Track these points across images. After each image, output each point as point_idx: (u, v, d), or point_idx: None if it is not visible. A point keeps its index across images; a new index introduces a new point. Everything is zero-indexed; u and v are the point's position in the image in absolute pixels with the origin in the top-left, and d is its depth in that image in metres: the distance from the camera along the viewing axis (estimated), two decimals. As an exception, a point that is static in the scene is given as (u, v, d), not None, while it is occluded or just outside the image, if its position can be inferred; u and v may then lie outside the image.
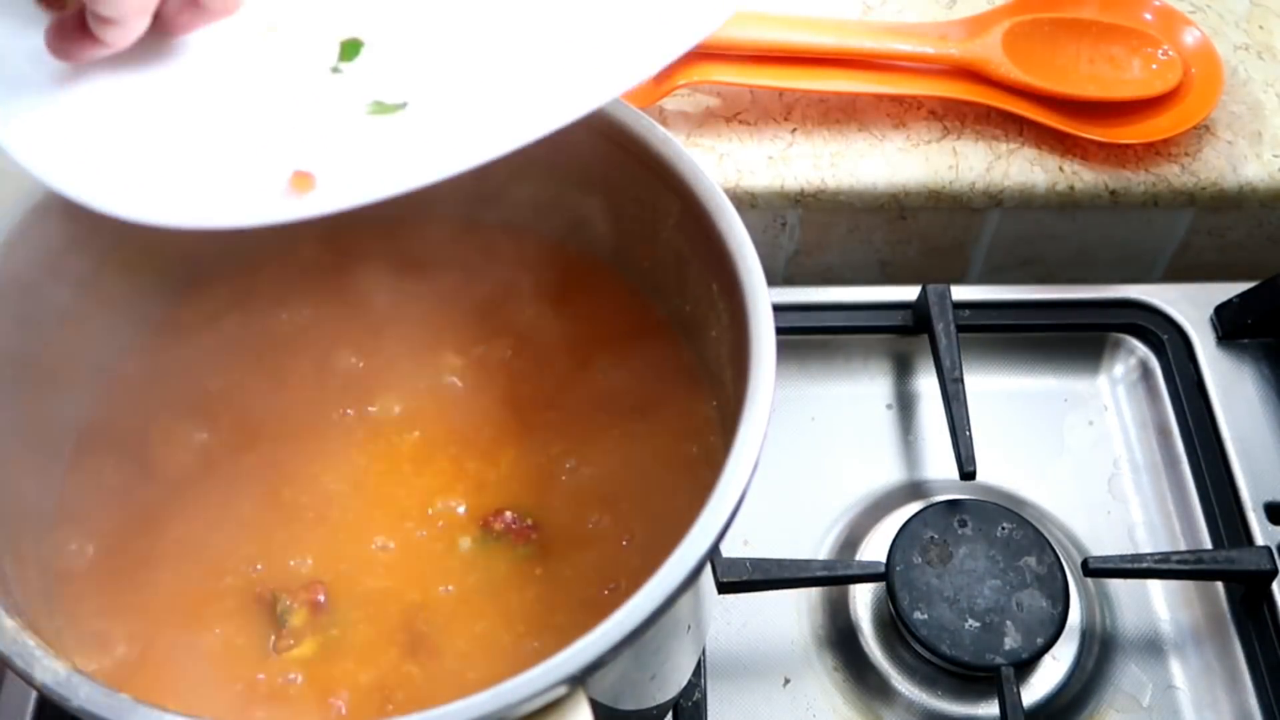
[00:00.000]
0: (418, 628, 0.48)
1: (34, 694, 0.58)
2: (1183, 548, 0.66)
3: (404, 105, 0.44)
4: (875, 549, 0.64)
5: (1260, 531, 0.64)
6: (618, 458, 0.52)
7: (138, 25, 0.41)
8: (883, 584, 0.61)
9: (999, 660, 0.59)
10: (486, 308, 0.56)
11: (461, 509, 0.51)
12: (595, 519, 0.50)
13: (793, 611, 0.64)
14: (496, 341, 0.56)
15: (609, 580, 0.48)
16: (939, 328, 0.69)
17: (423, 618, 0.48)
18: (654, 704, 0.53)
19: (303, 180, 0.41)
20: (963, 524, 0.63)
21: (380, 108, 0.44)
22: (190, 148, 0.43)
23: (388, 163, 0.42)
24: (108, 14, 0.40)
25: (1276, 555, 0.62)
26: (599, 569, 0.49)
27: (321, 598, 0.48)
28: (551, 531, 0.50)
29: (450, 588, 0.49)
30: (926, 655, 0.60)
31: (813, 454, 0.70)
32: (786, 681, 0.62)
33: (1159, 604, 0.65)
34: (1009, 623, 0.60)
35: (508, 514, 0.50)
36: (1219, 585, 0.64)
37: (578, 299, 0.57)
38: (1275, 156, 0.75)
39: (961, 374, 0.67)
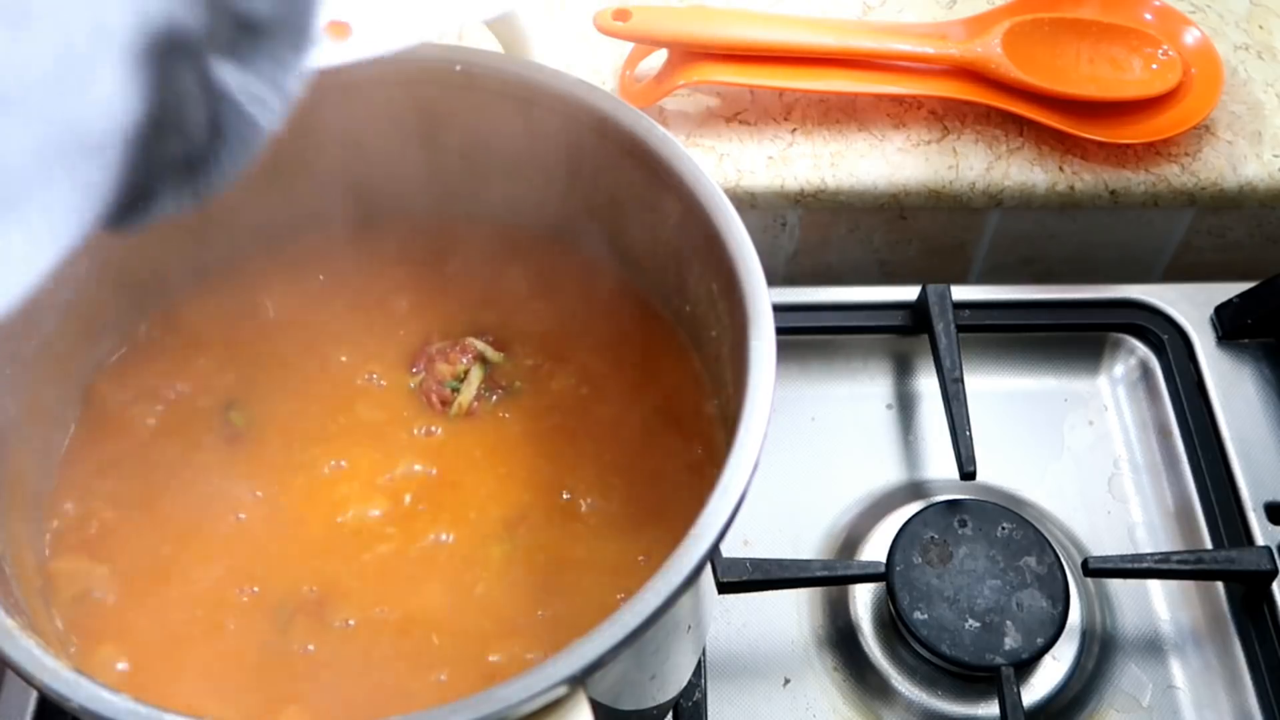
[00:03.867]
0: (429, 627, 0.48)
1: (34, 694, 0.58)
2: (1183, 548, 0.66)
3: None
4: (875, 549, 0.64)
5: (1260, 531, 0.64)
6: (618, 457, 0.52)
7: None
8: (883, 584, 0.61)
9: (999, 660, 0.59)
10: (485, 308, 0.56)
11: (467, 511, 0.51)
12: (597, 517, 0.50)
13: (793, 611, 0.64)
14: (496, 342, 0.56)
15: (620, 587, 0.48)
16: (939, 328, 0.69)
17: (432, 618, 0.48)
18: (654, 704, 0.53)
19: (339, 29, 0.45)
20: (963, 524, 0.63)
21: None
22: None
23: (410, 18, 0.47)
24: None
25: (1276, 555, 0.62)
26: (604, 570, 0.49)
27: (328, 607, 0.48)
28: (552, 529, 0.50)
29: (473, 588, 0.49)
30: (926, 655, 0.60)
31: (813, 454, 0.70)
32: (786, 681, 0.62)
33: (1159, 604, 0.65)
34: (1009, 623, 0.60)
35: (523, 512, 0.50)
36: (1219, 585, 0.64)
37: (577, 299, 0.57)
38: (1275, 156, 0.75)
39: (961, 374, 0.67)
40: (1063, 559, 0.62)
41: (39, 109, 0.23)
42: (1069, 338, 0.73)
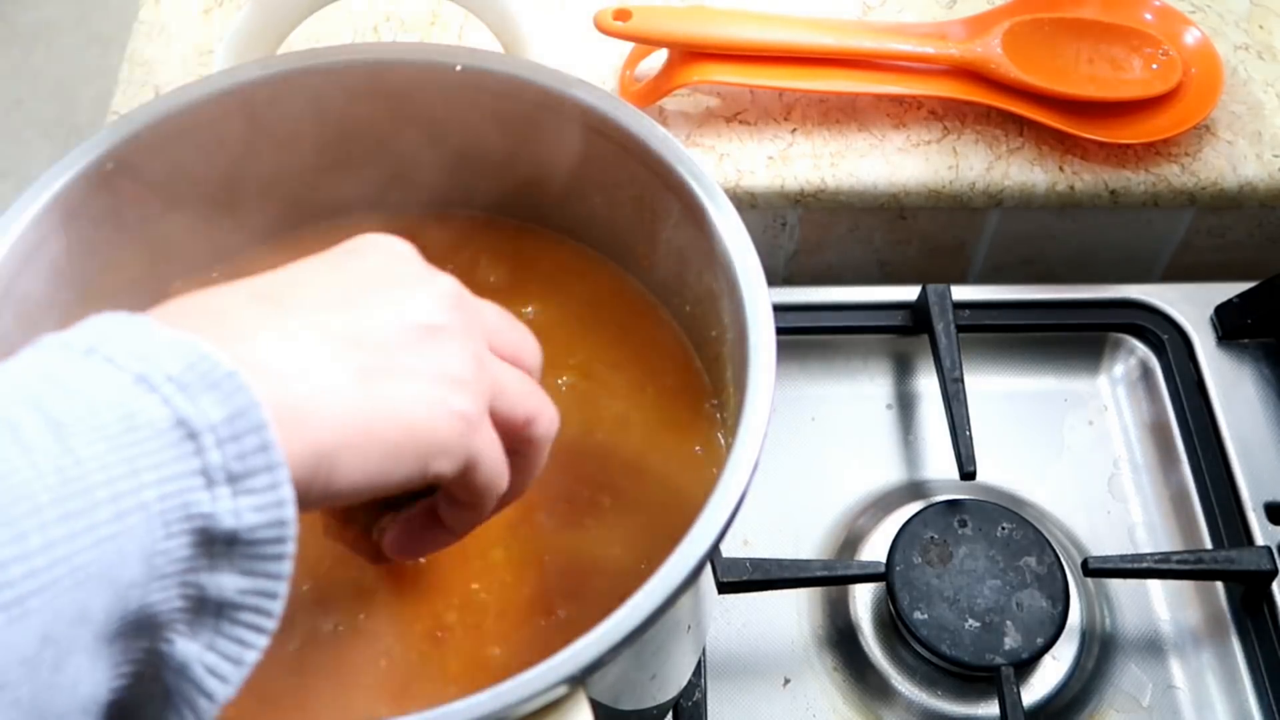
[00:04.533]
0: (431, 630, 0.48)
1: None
2: (1183, 548, 0.66)
3: None
4: (875, 549, 0.64)
5: (1260, 531, 0.64)
6: (619, 456, 0.52)
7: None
8: (883, 584, 0.61)
9: (999, 660, 0.59)
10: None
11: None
12: (598, 518, 0.50)
13: (793, 611, 0.64)
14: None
15: (620, 588, 0.48)
16: (939, 328, 0.69)
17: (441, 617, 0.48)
18: (654, 704, 0.53)
19: None
20: (963, 524, 0.63)
21: None
22: None
23: None
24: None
25: (1276, 555, 0.62)
26: (605, 570, 0.49)
27: (328, 609, 0.48)
28: (554, 531, 0.50)
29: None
30: (926, 655, 0.60)
31: (813, 454, 0.70)
32: (786, 681, 0.62)
33: (1159, 604, 0.65)
34: (1009, 623, 0.60)
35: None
36: (1219, 585, 0.64)
37: (577, 298, 0.57)
38: (1275, 156, 0.75)
39: (961, 374, 0.67)
40: (1063, 559, 0.62)
41: (14, 689, 0.24)
42: (1069, 338, 0.73)
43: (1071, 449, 0.70)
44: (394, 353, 0.33)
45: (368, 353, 0.32)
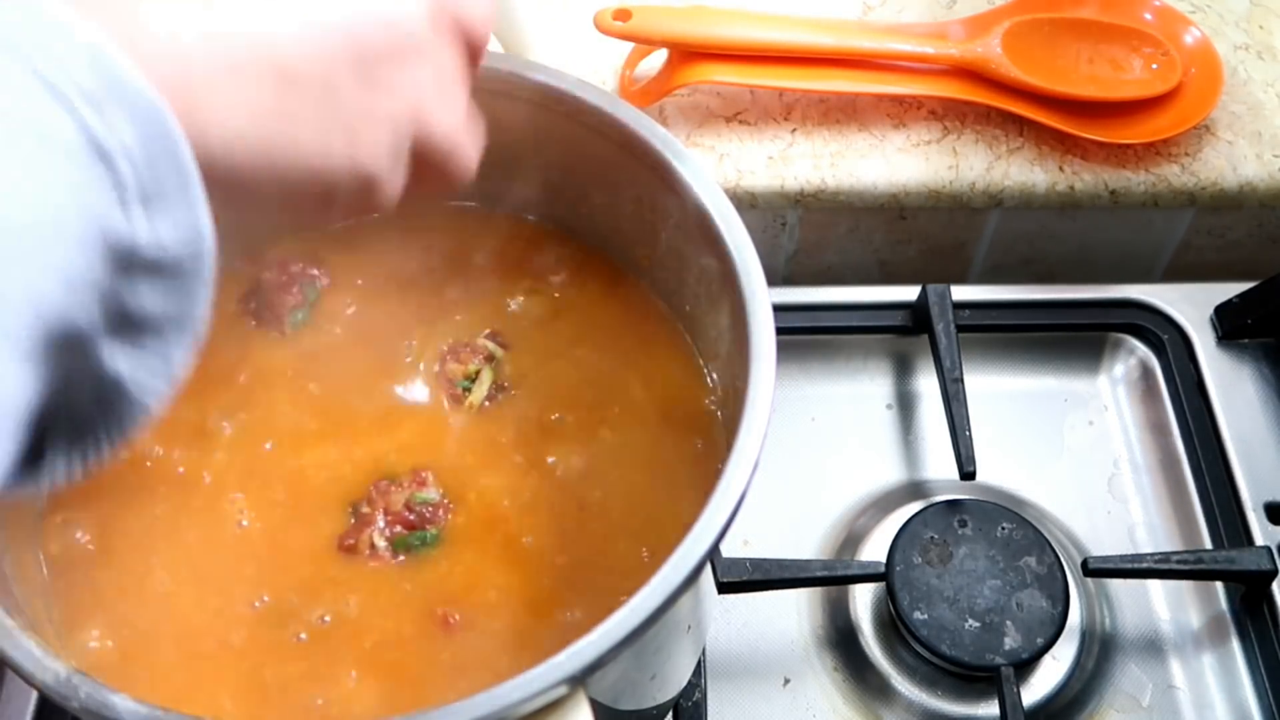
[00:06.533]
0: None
1: (34, 694, 0.58)
2: (1183, 548, 0.66)
3: None
4: (875, 549, 0.64)
5: (1260, 531, 0.64)
6: (622, 453, 0.52)
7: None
8: (883, 584, 0.61)
9: (999, 660, 0.59)
10: (487, 304, 0.56)
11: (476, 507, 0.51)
12: (602, 514, 0.50)
13: (793, 611, 0.64)
14: (501, 340, 0.56)
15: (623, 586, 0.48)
16: (939, 328, 0.69)
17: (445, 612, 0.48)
18: (654, 704, 0.53)
19: None
20: (963, 524, 0.63)
21: None
22: None
23: None
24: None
25: (1276, 555, 0.62)
26: (606, 568, 0.49)
27: (337, 606, 0.48)
28: (559, 527, 0.50)
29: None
30: (926, 655, 0.60)
31: (813, 454, 0.70)
32: (786, 681, 0.62)
33: (1159, 604, 0.65)
34: (1009, 623, 0.60)
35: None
36: (1219, 585, 0.64)
37: (579, 297, 0.57)
38: (1275, 156, 0.75)
39: (961, 374, 0.67)
40: (1063, 559, 0.62)
41: None
42: (1069, 338, 0.73)
43: (1071, 449, 0.70)
44: (332, 88, 0.34)
45: (295, 70, 0.33)
